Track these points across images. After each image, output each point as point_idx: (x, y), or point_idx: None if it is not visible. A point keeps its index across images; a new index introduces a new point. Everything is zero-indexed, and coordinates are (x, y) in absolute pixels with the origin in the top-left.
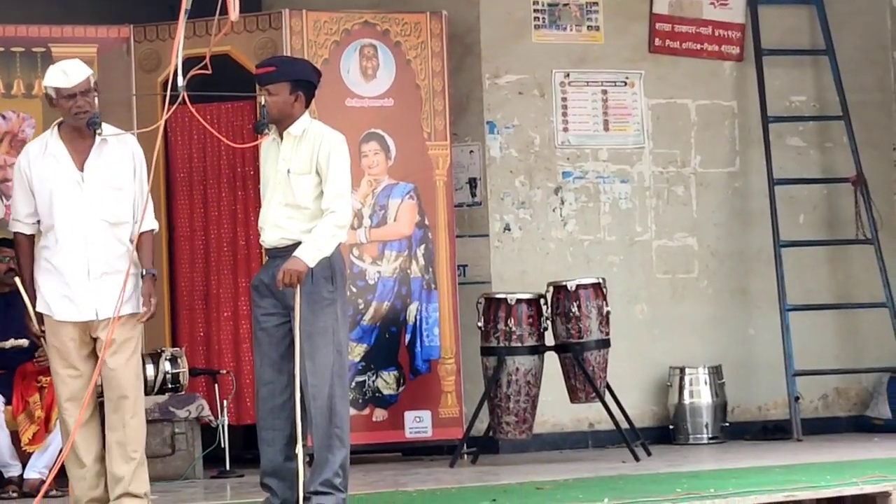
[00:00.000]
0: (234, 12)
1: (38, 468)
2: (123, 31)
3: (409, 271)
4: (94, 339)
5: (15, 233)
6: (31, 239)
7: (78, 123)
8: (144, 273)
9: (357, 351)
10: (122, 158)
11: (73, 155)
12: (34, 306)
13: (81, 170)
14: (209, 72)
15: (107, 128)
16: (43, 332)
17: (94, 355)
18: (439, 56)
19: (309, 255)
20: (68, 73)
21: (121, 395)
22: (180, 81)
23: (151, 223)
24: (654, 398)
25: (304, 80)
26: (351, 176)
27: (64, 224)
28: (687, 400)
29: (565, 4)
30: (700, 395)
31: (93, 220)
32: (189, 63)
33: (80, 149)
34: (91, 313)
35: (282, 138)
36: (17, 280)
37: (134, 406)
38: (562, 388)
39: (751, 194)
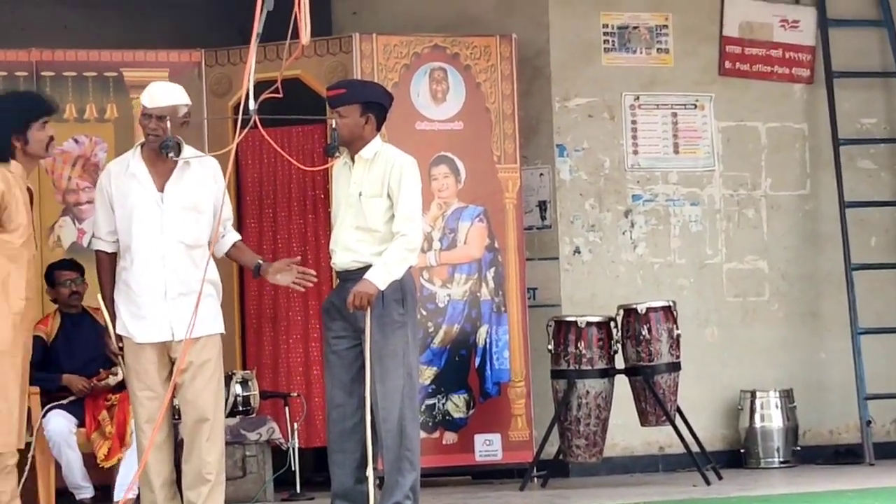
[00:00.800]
0: (305, 36)
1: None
2: (195, 56)
3: (478, 294)
4: (173, 361)
5: (96, 251)
6: (113, 257)
7: (150, 145)
8: (261, 262)
9: (427, 374)
10: (202, 182)
11: (153, 176)
12: (114, 326)
13: (161, 191)
14: (280, 95)
15: (188, 150)
16: (121, 349)
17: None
18: (509, 79)
19: (379, 278)
20: (152, 94)
21: (199, 419)
22: (252, 105)
23: (236, 234)
24: (724, 422)
25: (375, 103)
26: (422, 199)
27: (141, 244)
28: (758, 423)
29: (635, 27)
30: (771, 418)
31: (170, 242)
32: (260, 87)
33: (162, 170)
34: (167, 334)
35: (353, 162)
36: (99, 297)
37: (211, 429)
38: (632, 412)
39: (821, 217)
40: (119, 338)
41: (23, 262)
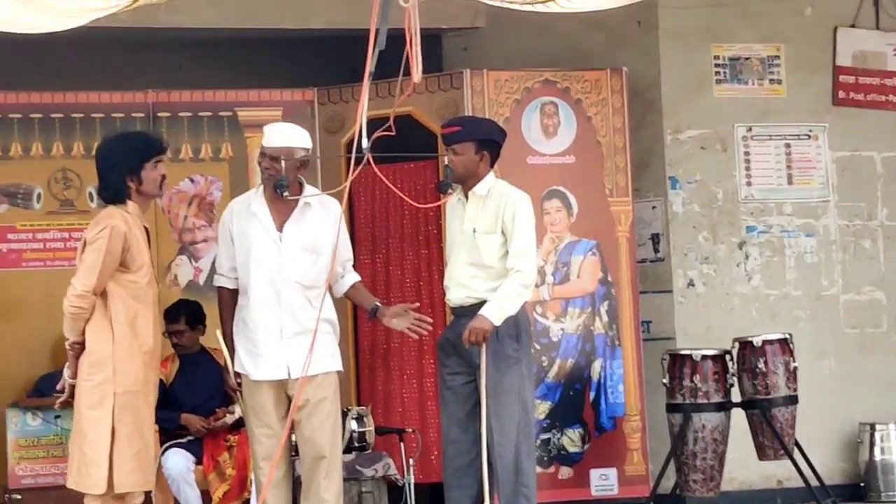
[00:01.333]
0: (417, 74)
1: None
2: (308, 94)
3: (592, 328)
4: (290, 399)
5: (218, 287)
6: (234, 293)
7: (265, 184)
8: (378, 305)
9: (542, 408)
10: (323, 223)
11: (273, 215)
12: (233, 362)
13: (280, 231)
14: (393, 133)
15: (308, 189)
16: (240, 384)
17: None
18: (620, 112)
19: (494, 314)
20: (269, 134)
21: (316, 457)
22: (365, 143)
23: (356, 275)
24: (843, 455)
25: (490, 140)
26: (535, 234)
27: (258, 283)
28: (878, 457)
29: (746, 58)
30: (891, 451)
31: (287, 282)
32: (372, 124)
33: (283, 210)
34: (283, 372)
35: (467, 198)
36: (218, 333)
37: (329, 466)
38: (749, 445)
39: None
40: (237, 375)
41: (149, 301)
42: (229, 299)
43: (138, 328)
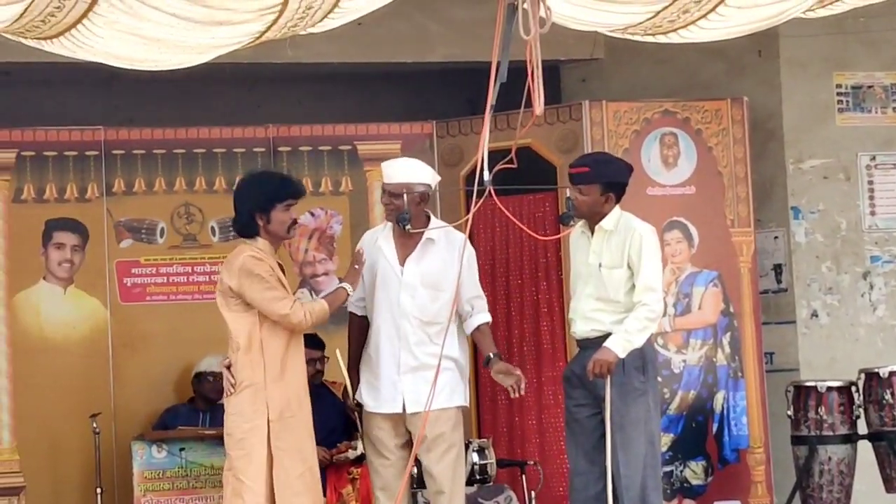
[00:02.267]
0: (539, 107)
1: None
2: (426, 127)
3: (714, 359)
4: (409, 432)
5: (350, 312)
6: (363, 320)
7: (388, 218)
8: (492, 356)
9: (664, 440)
10: (447, 259)
11: (398, 249)
12: (354, 389)
13: (402, 265)
14: (514, 165)
15: (435, 222)
16: (359, 407)
17: (408, 446)
18: (741, 142)
19: (619, 346)
20: (388, 170)
21: (436, 491)
22: (486, 176)
23: (485, 316)
24: None
25: (617, 182)
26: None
27: (381, 317)
28: None
29: (869, 86)
30: None
31: (406, 316)
32: (491, 156)
33: (407, 244)
34: (398, 406)
35: (592, 231)
36: (338, 352)
37: (448, 500)
38: (876, 478)
39: None
40: (358, 405)
41: (298, 333)
42: (357, 324)
43: (289, 358)
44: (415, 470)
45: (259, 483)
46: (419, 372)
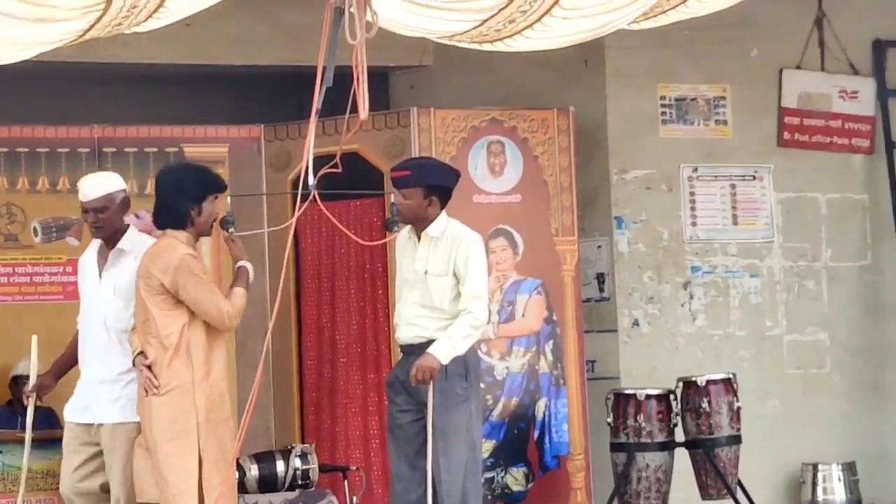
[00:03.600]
0: (363, 112)
1: None
2: (254, 131)
3: (537, 367)
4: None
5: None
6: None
7: (94, 237)
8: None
9: (486, 447)
10: (134, 269)
11: (99, 262)
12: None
13: (100, 277)
14: (339, 170)
15: (131, 233)
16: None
17: None
18: (567, 152)
19: (442, 353)
20: (85, 189)
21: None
22: (311, 180)
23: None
24: (786, 495)
25: (439, 186)
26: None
27: (84, 325)
28: (820, 497)
29: (693, 99)
30: (834, 491)
31: (103, 326)
32: (319, 161)
33: (105, 258)
34: (90, 416)
35: (419, 238)
36: (34, 339)
37: None
38: (693, 485)
39: (883, 288)
40: None
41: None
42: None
43: (213, 357)
44: (237, 474)
45: (191, 484)
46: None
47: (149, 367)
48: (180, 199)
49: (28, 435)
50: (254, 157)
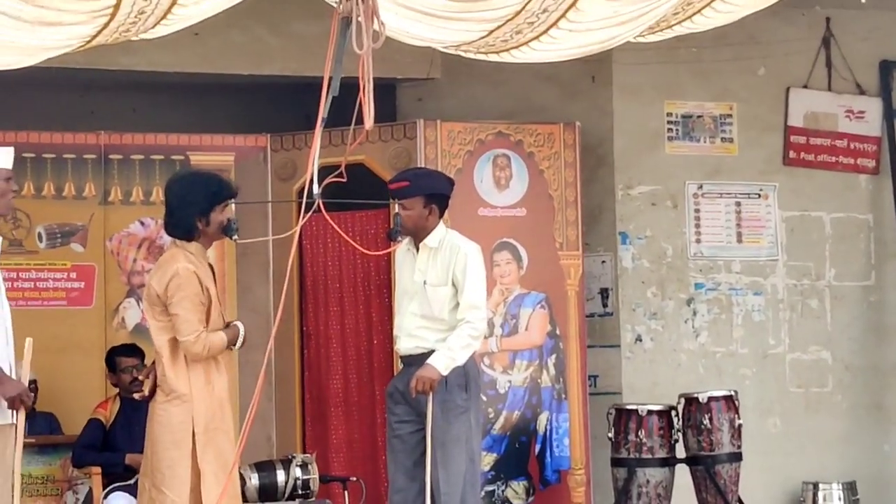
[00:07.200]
0: (368, 122)
1: None
2: (260, 140)
3: (539, 381)
4: None
5: None
6: None
7: None
8: None
9: (487, 460)
10: None
11: None
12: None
13: None
14: (344, 180)
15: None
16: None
17: None
18: (572, 166)
19: (442, 364)
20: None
21: None
22: (315, 189)
23: None
24: None
25: (438, 194)
26: (486, 286)
27: None
28: None
29: (699, 116)
30: None
31: None
32: (324, 171)
33: None
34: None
35: (417, 249)
36: (28, 342)
37: None
38: (693, 502)
39: (887, 308)
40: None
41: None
42: None
43: (213, 368)
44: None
45: (183, 496)
46: None
47: (153, 372)
48: (187, 212)
49: (20, 440)
50: (259, 167)
